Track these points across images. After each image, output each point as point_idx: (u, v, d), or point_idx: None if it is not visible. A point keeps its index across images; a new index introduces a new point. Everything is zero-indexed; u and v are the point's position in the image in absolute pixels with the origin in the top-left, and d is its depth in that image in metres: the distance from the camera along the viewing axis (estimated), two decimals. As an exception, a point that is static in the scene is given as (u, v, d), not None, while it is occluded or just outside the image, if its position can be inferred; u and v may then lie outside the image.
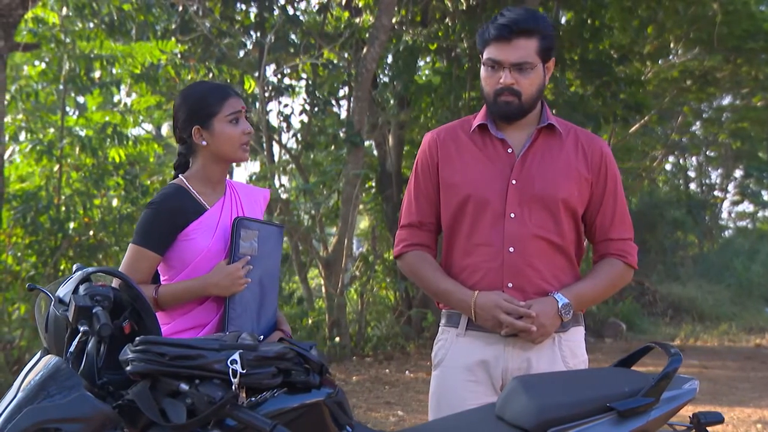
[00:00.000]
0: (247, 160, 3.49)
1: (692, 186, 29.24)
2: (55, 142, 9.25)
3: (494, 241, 3.23)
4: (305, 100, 12.63)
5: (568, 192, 3.24)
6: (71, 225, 9.18)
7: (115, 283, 2.87)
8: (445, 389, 3.33)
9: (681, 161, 28.16)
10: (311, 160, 13.98)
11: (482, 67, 3.28)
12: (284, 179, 13.52)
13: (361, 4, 13.62)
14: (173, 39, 11.05)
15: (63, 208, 9.17)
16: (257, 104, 11.72)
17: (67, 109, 13.37)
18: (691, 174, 29.68)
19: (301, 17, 13.11)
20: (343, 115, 13.72)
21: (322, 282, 11.96)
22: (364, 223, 17.33)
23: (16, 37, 8.64)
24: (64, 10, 9.62)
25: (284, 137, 13.25)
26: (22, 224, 8.80)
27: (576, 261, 3.35)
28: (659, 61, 16.81)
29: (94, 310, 2.59)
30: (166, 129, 16.09)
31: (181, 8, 11.49)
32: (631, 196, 21.72)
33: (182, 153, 3.43)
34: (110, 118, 9.80)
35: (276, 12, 12.15)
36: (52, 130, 9.71)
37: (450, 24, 13.68)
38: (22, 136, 9.52)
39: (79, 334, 2.57)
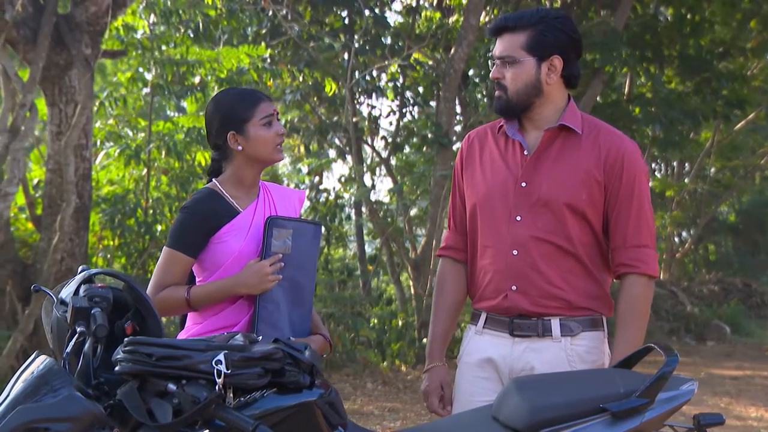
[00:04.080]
0: (282, 159, 3.54)
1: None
2: (142, 147, 9.49)
3: (500, 243, 3.24)
4: (393, 101, 12.67)
5: (573, 195, 3.17)
6: (159, 228, 9.40)
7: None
8: (459, 383, 3.39)
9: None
10: (403, 162, 14.00)
11: None
12: (376, 181, 13.61)
13: (453, 5, 13.57)
14: (263, 44, 11.22)
15: (150, 211, 9.40)
16: (346, 106, 11.80)
17: (168, 112, 13.74)
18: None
19: (389, 20, 13.15)
20: (437, 116, 13.72)
21: (411, 283, 11.97)
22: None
23: (103, 45, 8.91)
24: (152, 17, 9.86)
25: (372, 139, 13.34)
26: (110, 227, 9.06)
27: (595, 265, 3.24)
28: (767, 56, 16.26)
29: (92, 311, 2.64)
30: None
31: (270, 13, 11.64)
32: (740, 195, 21.10)
33: (215, 159, 3.50)
34: (197, 122, 10.01)
35: (367, 13, 12.19)
36: (142, 134, 9.97)
37: (543, 23, 13.47)
38: (112, 142, 9.81)
39: (76, 335, 2.63)
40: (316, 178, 13.47)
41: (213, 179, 3.46)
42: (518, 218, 3.20)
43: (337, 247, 12.93)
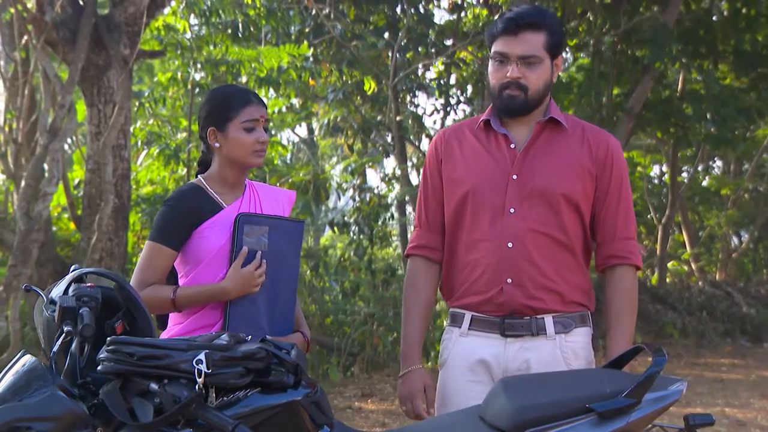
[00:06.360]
0: (261, 165, 3.53)
1: None
2: (181, 146, 9.53)
3: (493, 236, 3.22)
4: (438, 99, 12.60)
5: (569, 186, 3.20)
6: (198, 227, 9.43)
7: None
8: (448, 388, 3.34)
9: None
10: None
11: (490, 61, 3.28)
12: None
13: (500, 2, 13.44)
14: (305, 42, 11.20)
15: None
16: (389, 104, 11.76)
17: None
18: None
19: (436, 17, 13.07)
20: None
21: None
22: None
23: (142, 45, 8.96)
24: (192, 18, 9.90)
25: (419, 138, 13.27)
26: (149, 227, 9.11)
27: (583, 258, 3.29)
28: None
29: (80, 311, 2.63)
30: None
31: (314, 12, 11.62)
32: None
33: (204, 151, 3.51)
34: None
35: (412, 11, 12.11)
36: (184, 134, 10.01)
37: (591, 18, 13.32)
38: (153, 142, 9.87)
39: (63, 335, 2.61)
40: (359, 179, 13.41)
41: (199, 175, 3.47)
42: (512, 210, 3.21)
43: (382, 247, 12.83)
